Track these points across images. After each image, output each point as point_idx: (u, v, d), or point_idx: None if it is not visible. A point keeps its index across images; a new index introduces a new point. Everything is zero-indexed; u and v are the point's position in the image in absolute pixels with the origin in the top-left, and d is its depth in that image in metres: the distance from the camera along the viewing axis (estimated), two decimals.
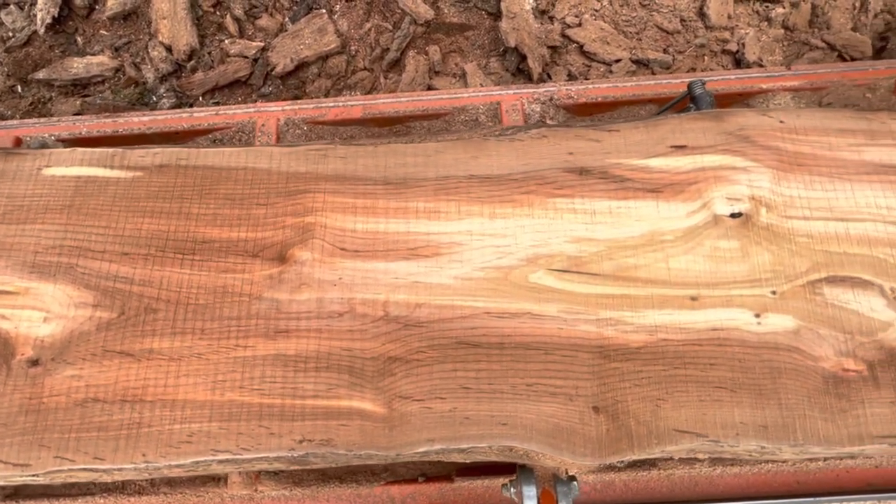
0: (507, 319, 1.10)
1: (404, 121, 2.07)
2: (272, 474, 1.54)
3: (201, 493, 1.50)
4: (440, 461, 1.26)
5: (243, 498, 1.55)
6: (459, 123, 2.13)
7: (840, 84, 2.10)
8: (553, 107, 2.09)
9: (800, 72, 2.08)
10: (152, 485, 1.52)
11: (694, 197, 1.18)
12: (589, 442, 1.02)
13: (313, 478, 1.56)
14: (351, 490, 1.54)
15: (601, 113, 2.09)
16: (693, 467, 1.55)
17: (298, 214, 1.20)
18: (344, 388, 1.07)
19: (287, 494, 1.54)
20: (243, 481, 1.52)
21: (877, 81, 2.07)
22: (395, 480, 1.58)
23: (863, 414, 1.02)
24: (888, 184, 1.17)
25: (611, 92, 2.05)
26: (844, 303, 1.09)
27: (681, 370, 1.05)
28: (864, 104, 2.17)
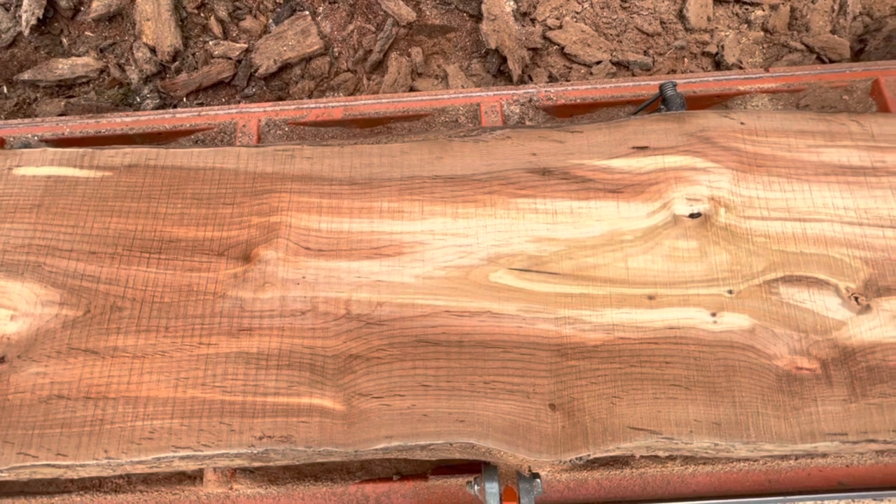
0: (466, 318, 1.12)
1: (385, 122, 2.09)
2: (248, 472, 1.55)
3: (177, 491, 1.51)
4: (415, 459, 1.27)
5: (219, 496, 1.56)
6: (440, 124, 2.14)
7: (817, 86, 2.12)
8: (532, 108, 2.10)
9: (777, 74, 2.09)
10: (129, 483, 1.53)
11: (654, 197, 1.19)
12: (545, 439, 1.03)
13: (289, 476, 1.57)
14: (326, 488, 1.55)
15: (580, 114, 2.10)
16: (665, 466, 1.57)
17: (264, 214, 1.22)
18: (305, 386, 1.08)
19: (262, 492, 1.55)
20: (218, 479, 1.53)
21: (854, 84, 2.09)
22: (370, 479, 1.59)
23: (815, 412, 1.03)
24: (845, 184, 1.18)
25: (589, 93, 2.07)
26: (800, 302, 1.10)
27: (637, 368, 1.07)
28: (840, 106, 2.19)
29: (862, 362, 1.06)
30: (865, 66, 2.13)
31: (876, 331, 1.08)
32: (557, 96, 2.06)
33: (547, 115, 2.11)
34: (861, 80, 2.07)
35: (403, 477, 1.56)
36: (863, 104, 2.15)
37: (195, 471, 1.53)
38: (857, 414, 1.02)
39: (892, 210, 1.16)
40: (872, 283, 1.11)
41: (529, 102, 2.07)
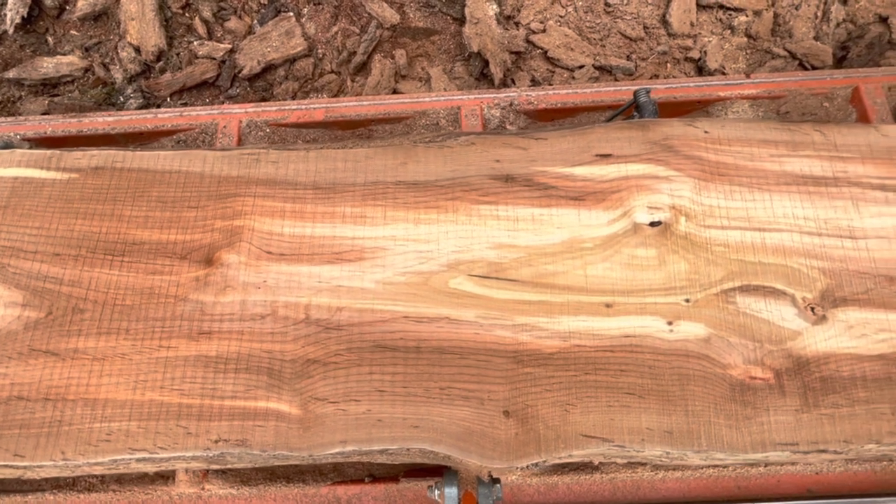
0: (424, 324, 1.12)
1: (366, 124, 2.09)
2: (220, 473, 1.56)
3: (149, 490, 1.52)
4: (388, 463, 1.28)
5: (191, 496, 1.56)
6: (421, 127, 2.15)
7: (798, 93, 2.12)
8: (513, 112, 2.11)
9: (758, 80, 2.10)
10: (102, 482, 1.54)
11: (616, 205, 1.20)
12: (498, 445, 1.04)
13: (261, 477, 1.57)
14: (298, 489, 1.55)
15: (561, 118, 2.11)
16: (635, 471, 1.57)
17: (228, 218, 1.22)
18: (262, 390, 1.09)
19: (234, 493, 1.55)
20: (190, 480, 1.54)
21: (834, 91, 2.09)
22: (342, 481, 1.59)
23: (767, 421, 1.04)
24: (806, 194, 1.18)
25: (570, 98, 2.07)
26: (756, 312, 1.10)
27: (591, 376, 1.07)
28: (821, 113, 2.20)
29: (815, 373, 1.06)
30: (846, 74, 2.13)
31: (831, 341, 1.08)
32: (538, 100, 2.07)
33: (528, 118, 2.11)
34: (841, 87, 2.08)
35: (375, 479, 1.56)
36: (843, 111, 2.15)
37: (168, 471, 1.54)
38: (809, 424, 1.03)
39: (851, 221, 1.16)
40: (829, 293, 1.11)
41: (510, 106, 2.07)
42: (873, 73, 2.15)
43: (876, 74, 2.14)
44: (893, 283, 1.12)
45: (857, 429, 1.02)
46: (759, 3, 2.44)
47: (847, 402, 1.04)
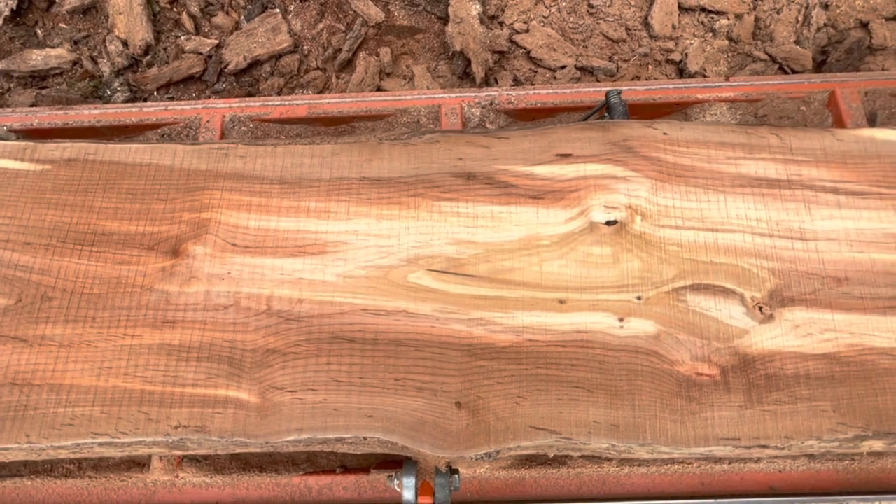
0: (382, 317, 1.15)
1: (349, 121, 2.12)
2: (194, 461, 1.59)
3: (125, 477, 1.55)
4: (361, 454, 1.30)
5: (165, 483, 1.59)
6: (402, 125, 2.17)
7: (775, 96, 2.14)
8: (493, 111, 2.13)
9: (736, 83, 2.12)
10: (79, 468, 1.57)
11: (573, 204, 1.22)
12: (449, 436, 1.06)
13: (234, 466, 1.60)
14: (270, 479, 1.58)
15: (542, 118, 2.13)
16: (602, 466, 1.60)
17: (195, 210, 1.25)
18: (222, 378, 1.12)
19: (208, 481, 1.58)
20: (164, 467, 1.57)
21: (811, 95, 2.12)
22: (314, 471, 1.62)
23: (711, 416, 1.07)
24: (760, 196, 1.21)
25: (550, 98, 2.09)
26: (705, 310, 1.13)
27: (543, 370, 1.10)
28: (798, 116, 2.22)
29: (760, 370, 1.09)
30: (823, 78, 2.15)
31: (776, 340, 1.11)
32: (518, 100, 2.09)
33: (508, 118, 2.14)
34: (818, 91, 2.10)
35: (347, 470, 1.59)
36: (820, 115, 2.18)
37: (143, 458, 1.57)
38: (752, 420, 1.06)
39: (802, 223, 1.19)
40: (777, 293, 1.14)
41: (491, 105, 2.10)
42: (850, 77, 2.17)
43: (853, 79, 2.16)
44: (841, 284, 1.15)
45: (798, 425, 1.05)
46: (741, 6, 2.46)
47: (790, 399, 1.06)
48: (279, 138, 2.18)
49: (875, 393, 1.07)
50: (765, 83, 2.15)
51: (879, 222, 1.18)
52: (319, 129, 2.17)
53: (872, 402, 1.06)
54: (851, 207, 1.19)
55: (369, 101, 2.13)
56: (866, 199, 1.20)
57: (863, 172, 1.23)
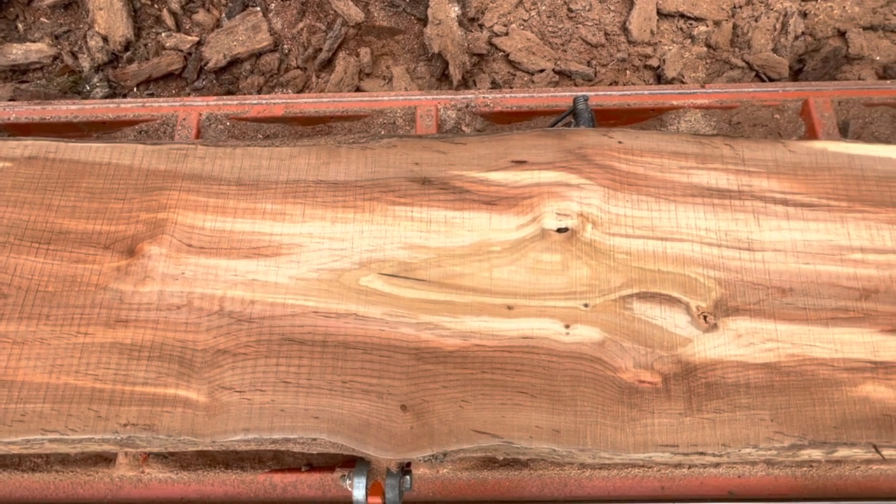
0: (333, 319, 1.16)
1: (325, 121, 2.13)
2: (160, 457, 1.60)
3: (91, 472, 1.56)
4: (328, 452, 1.31)
5: (131, 479, 1.61)
6: (378, 126, 2.18)
7: (750, 104, 2.16)
8: (469, 114, 2.14)
9: (711, 90, 2.13)
10: (47, 462, 1.58)
11: (526, 211, 1.24)
12: (393, 438, 1.08)
13: (200, 462, 1.62)
14: (235, 476, 1.60)
15: (518, 121, 2.15)
16: (563, 469, 1.62)
17: (152, 210, 1.26)
18: (172, 377, 1.13)
19: (174, 478, 1.60)
20: (129, 463, 1.58)
21: (785, 103, 2.13)
22: (280, 469, 1.64)
23: (651, 423, 1.08)
24: (710, 206, 1.22)
25: (526, 102, 2.11)
26: (651, 318, 1.15)
27: (488, 374, 1.11)
28: (772, 125, 2.23)
29: (702, 378, 1.10)
30: (797, 87, 2.17)
31: (719, 349, 1.12)
32: (494, 103, 2.10)
33: (485, 121, 2.15)
34: (792, 99, 2.12)
35: (312, 468, 1.61)
36: (793, 124, 2.19)
37: (110, 453, 1.58)
38: (691, 427, 1.07)
39: (751, 233, 1.20)
40: (723, 302, 1.16)
41: (467, 108, 2.11)
42: (825, 86, 2.19)
43: (827, 88, 2.17)
44: (785, 294, 1.16)
45: (736, 433, 1.07)
46: (720, 13, 2.47)
47: (729, 407, 1.08)
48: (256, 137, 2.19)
49: (813, 403, 1.09)
50: (739, 91, 2.16)
51: (826, 234, 1.20)
52: (297, 129, 2.18)
53: (810, 411, 1.08)
54: (799, 219, 1.20)
55: (346, 102, 2.14)
56: (815, 210, 1.21)
57: (813, 184, 1.24)
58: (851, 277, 1.16)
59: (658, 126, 2.15)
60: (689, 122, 2.16)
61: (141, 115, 2.08)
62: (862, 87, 2.19)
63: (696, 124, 2.16)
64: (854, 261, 1.17)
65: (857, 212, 1.21)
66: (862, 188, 1.23)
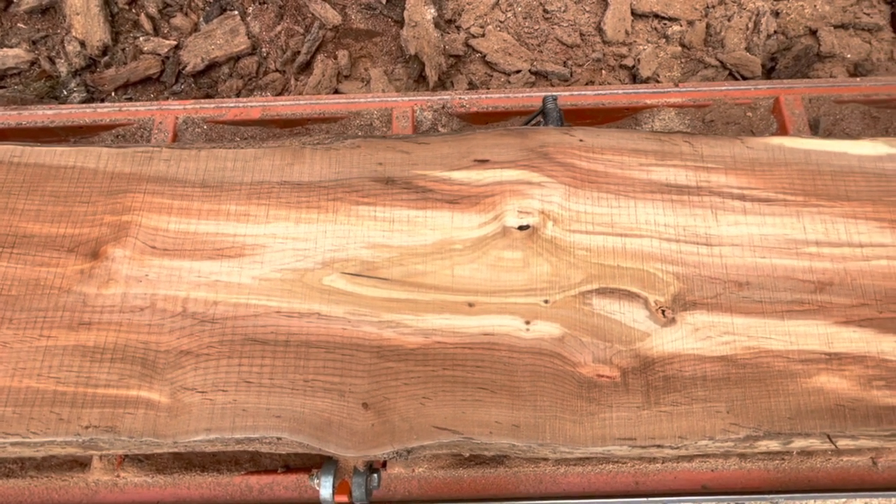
0: (295, 319, 1.17)
1: (303, 123, 2.14)
2: (135, 461, 1.60)
3: (66, 477, 1.56)
4: (305, 453, 1.32)
5: (106, 483, 1.61)
6: (355, 128, 2.19)
7: (722, 102, 2.18)
8: (445, 115, 2.16)
9: (685, 89, 2.15)
10: (21, 468, 1.58)
11: (488, 209, 1.25)
12: (354, 435, 1.09)
13: (176, 466, 1.62)
14: (211, 479, 1.60)
15: (494, 122, 2.16)
16: (538, 466, 1.63)
17: (117, 213, 1.26)
18: (135, 379, 1.14)
19: (149, 481, 1.60)
20: (104, 467, 1.58)
21: (757, 101, 2.16)
22: (256, 470, 1.64)
23: (609, 417, 1.09)
24: (669, 202, 1.24)
25: (502, 102, 2.12)
26: (610, 313, 1.16)
27: (449, 371, 1.12)
28: (744, 122, 2.26)
29: (659, 372, 1.12)
30: (770, 85, 2.19)
31: (677, 342, 1.14)
32: (470, 104, 2.12)
33: (461, 121, 2.16)
34: (764, 97, 2.14)
35: (289, 469, 1.61)
36: (765, 121, 2.22)
37: (85, 458, 1.58)
38: (648, 420, 1.08)
39: (709, 228, 1.22)
40: (680, 297, 1.17)
41: (443, 109, 2.12)
42: (796, 84, 2.22)
43: (798, 86, 2.20)
44: (742, 288, 1.18)
45: (692, 425, 1.08)
46: (693, 13, 2.49)
47: (686, 400, 1.09)
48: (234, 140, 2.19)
49: (768, 394, 1.10)
50: (712, 89, 2.18)
51: (783, 228, 1.22)
52: (274, 131, 2.19)
53: (765, 403, 1.10)
54: (756, 214, 1.22)
55: (323, 104, 2.15)
56: (771, 205, 1.23)
57: (770, 180, 1.26)
58: (807, 270, 1.18)
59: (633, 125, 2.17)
60: (663, 121, 2.18)
61: (118, 119, 2.09)
62: (832, 84, 2.22)
63: (670, 123, 2.18)
64: (809, 254, 1.19)
65: (812, 206, 1.23)
66: (818, 183, 1.25)
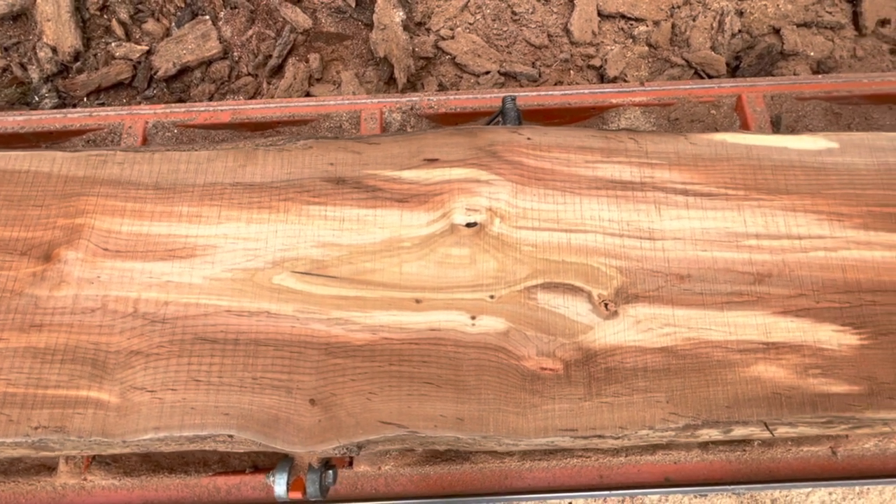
0: (245, 317, 1.19)
1: (273, 126, 2.16)
2: (103, 464, 1.61)
3: (34, 481, 1.57)
4: (273, 453, 1.32)
5: (74, 487, 1.61)
6: (325, 130, 2.21)
7: (686, 101, 2.21)
8: (414, 116, 2.18)
9: (650, 88, 2.18)
10: None
11: (436, 207, 1.27)
12: (301, 431, 1.10)
13: (144, 468, 1.63)
14: (179, 480, 1.61)
15: (463, 122, 2.18)
16: (503, 461, 1.65)
17: (70, 216, 1.28)
18: (85, 380, 1.15)
19: (117, 484, 1.61)
20: (71, 470, 1.59)
21: (721, 99, 2.19)
22: (224, 471, 1.65)
23: (551, 409, 1.11)
24: (614, 198, 1.26)
25: (470, 103, 2.15)
26: (554, 307, 1.18)
27: (395, 366, 1.14)
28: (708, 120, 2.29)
29: (602, 364, 1.14)
30: (733, 83, 2.23)
31: (619, 335, 1.16)
32: (439, 105, 2.14)
33: (430, 123, 2.19)
34: (727, 95, 2.18)
35: (257, 469, 1.62)
36: (729, 119, 2.25)
37: (52, 461, 1.59)
38: (589, 411, 1.11)
39: (652, 223, 1.24)
40: (623, 290, 1.19)
41: (411, 110, 2.14)
42: (758, 82, 2.25)
43: (760, 84, 2.24)
44: (683, 281, 1.20)
45: (633, 416, 1.10)
46: (659, 13, 2.53)
47: (627, 391, 1.11)
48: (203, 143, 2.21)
49: (707, 384, 1.12)
50: (676, 88, 2.22)
51: (724, 222, 1.24)
52: (245, 135, 2.20)
53: (704, 392, 1.12)
54: (698, 208, 1.25)
55: (293, 107, 2.17)
56: (713, 199, 1.26)
57: (712, 174, 1.29)
58: (746, 263, 1.20)
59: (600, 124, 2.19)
60: (629, 120, 2.20)
61: (88, 124, 2.10)
62: (793, 81, 2.25)
63: (635, 121, 2.21)
64: (749, 247, 1.22)
65: (753, 199, 1.25)
66: (758, 177, 1.27)
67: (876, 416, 1.10)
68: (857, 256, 1.20)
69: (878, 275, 1.19)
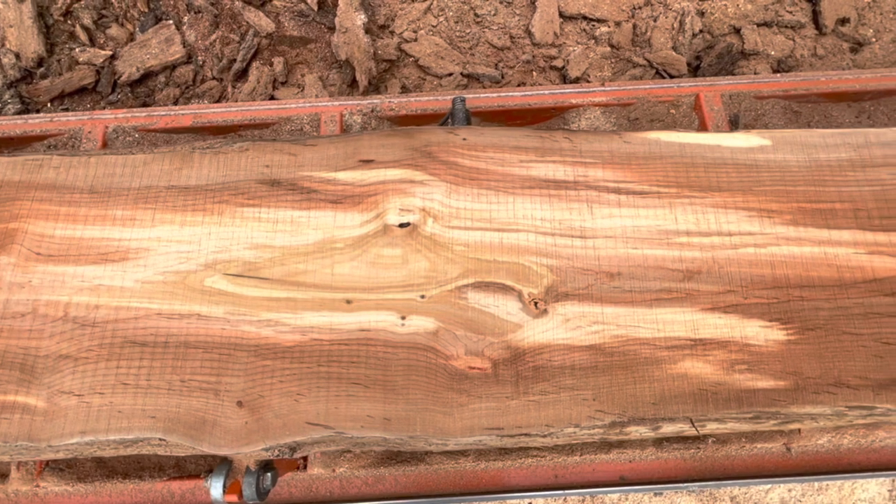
0: (176, 320, 1.19)
1: (235, 129, 2.16)
2: (56, 470, 1.60)
3: None
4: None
5: (27, 493, 1.61)
6: (287, 133, 2.22)
7: (646, 100, 2.22)
8: (375, 118, 2.18)
9: (610, 88, 2.19)
10: None
11: (370, 208, 1.27)
12: (227, 433, 1.10)
13: (98, 474, 1.62)
14: (133, 486, 1.61)
15: (424, 123, 2.19)
16: (458, 462, 1.65)
17: (3, 221, 1.28)
18: (13, 384, 1.15)
19: (70, 490, 1.60)
20: (23, 476, 1.58)
21: (680, 98, 2.20)
22: (179, 476, 1.65)
23: (478, 408, 1.12)
24: (547, 197, 1.27)
25: (430, 105, 2.16)
26: (484, 306, 1.18)
27: (324, 367, 1.14)
28: (668, 119, 2.30)
29: (530, 362, 1.14)
30: (691, 83, 2.24)
31: (548, 333, 1.16)
32: (400, 107, 2.15)
33: (391, 124, 2.19)
34: (686, 95, 2.19)
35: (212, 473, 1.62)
36: (688, 118, 2.26)
37: (4, 468, 1.58)
38: (516, 410, 1.11)
39: (584, 221, 1.25)
40: (553, 289, 1.20)
41: (372, 112, 2.15)
42: (717, 81, 2.27)
43: (719, 83, 2.25)
44: (613, 279, 1.20)
45: (559, 414, 1.10)
46: (620, 14, 2.54)
47: (554, 389, 1.12)
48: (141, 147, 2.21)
49: (634, 381, 1.13)
50: (636, 88, 2.23)
51: (655, 219, 1.25)
52: (207, 138, 2.20)
53: (631, 389, 1.12)
54: (630, 206, 1.25)
55: (254, 111, 2.18)
56: (645, 198, 1.26)
57: (645, 173, 1.29)
58: (676, 260, 1.21)
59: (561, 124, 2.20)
60: (589, 120, 2.21)
61: (49, 129, 2.10)
62: (751, 80, 2.27)
63: (595, 121, 2.21)
64: (680, 244, 1.22)
65: (685, 197, 1.26)
66: (691, 175, 1.28)
67: (801, 410, 1.10)
68: (787, 252, 1.20)
69: (807, 270, 1.19)
